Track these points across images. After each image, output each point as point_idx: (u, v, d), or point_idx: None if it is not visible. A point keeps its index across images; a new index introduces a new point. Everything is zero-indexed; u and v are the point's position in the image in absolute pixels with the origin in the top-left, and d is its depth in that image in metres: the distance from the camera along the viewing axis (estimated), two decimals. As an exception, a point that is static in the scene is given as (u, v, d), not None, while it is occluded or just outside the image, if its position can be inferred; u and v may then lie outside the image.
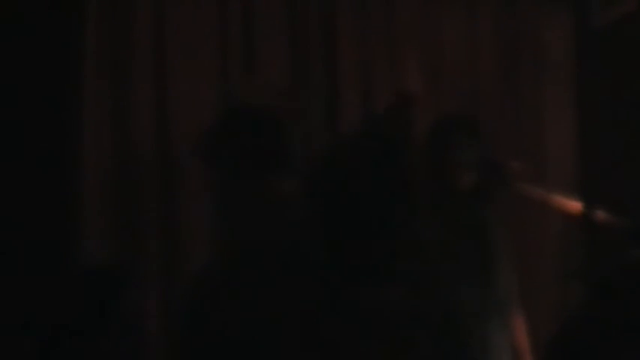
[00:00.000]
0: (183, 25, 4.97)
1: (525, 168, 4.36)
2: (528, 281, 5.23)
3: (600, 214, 4.36)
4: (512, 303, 4.13)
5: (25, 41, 4.71)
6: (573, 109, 5.39)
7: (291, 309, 2.31)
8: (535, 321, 4.52)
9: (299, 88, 4.67)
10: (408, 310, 2.27)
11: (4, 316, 4.31)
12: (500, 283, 4.06)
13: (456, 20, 5.33)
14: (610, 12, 5.24)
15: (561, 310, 5.07)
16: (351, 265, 2.36)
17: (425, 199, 2.48)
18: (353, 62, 5.18)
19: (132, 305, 2.04)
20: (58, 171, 4.75)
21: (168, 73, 4.96)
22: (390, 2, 5.26)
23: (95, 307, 2.02)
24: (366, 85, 5.20)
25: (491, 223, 4.10)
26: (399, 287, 2.30)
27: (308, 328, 2.28)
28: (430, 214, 2.54)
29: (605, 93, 5.21)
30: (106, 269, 2.09)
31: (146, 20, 4.94)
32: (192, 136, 4.91)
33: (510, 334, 4.14)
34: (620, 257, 4.24)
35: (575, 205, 4.45)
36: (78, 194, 4.79)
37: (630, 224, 4.29)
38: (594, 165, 5.25)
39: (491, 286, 4.02)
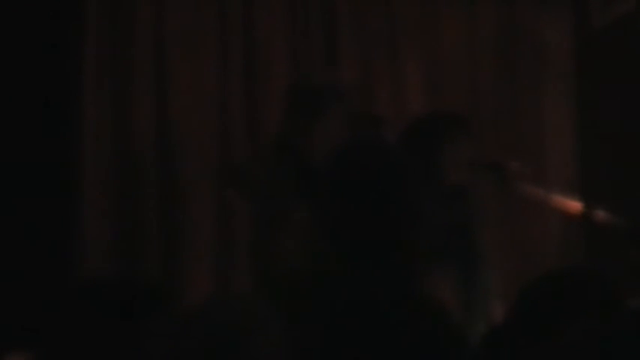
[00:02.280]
0: (184, 25, 4.98)
1: (525, 168, 4.35)
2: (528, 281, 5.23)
3: (600, 214, 4.36)
4: (492, 295, 4.17)
5: (25, 42, 4.72)
6: (573, 110, 5.39)
7: None
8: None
9: None
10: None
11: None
12: (480, 278, 4.09)
13: (456, 20, 5.33)
14: (610, 12, 5.24)
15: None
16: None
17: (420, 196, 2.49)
18: (353, 62, 5.18)
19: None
20: (59, 173, 4.76)
21: (169, 73, 4.96)
22: (390, 2, 5.26)
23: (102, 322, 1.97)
24: (366, 84, 5.20)
25: (475, 221, 4.11)
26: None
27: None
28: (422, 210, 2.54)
29: (605, 93, 5.21)
30: (112, 281, 2.02)
31: (146, 20, 4.94)
32: (192, 137, 4.94)
33: (491, 323, 4.20)
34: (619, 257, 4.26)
35: (575, 205, 4.45)
36: (78, 196, 4.80)
37: (630, 224, 4.29)
38: (594, 165, 5.26)
39: (472, 280, 4.06)
